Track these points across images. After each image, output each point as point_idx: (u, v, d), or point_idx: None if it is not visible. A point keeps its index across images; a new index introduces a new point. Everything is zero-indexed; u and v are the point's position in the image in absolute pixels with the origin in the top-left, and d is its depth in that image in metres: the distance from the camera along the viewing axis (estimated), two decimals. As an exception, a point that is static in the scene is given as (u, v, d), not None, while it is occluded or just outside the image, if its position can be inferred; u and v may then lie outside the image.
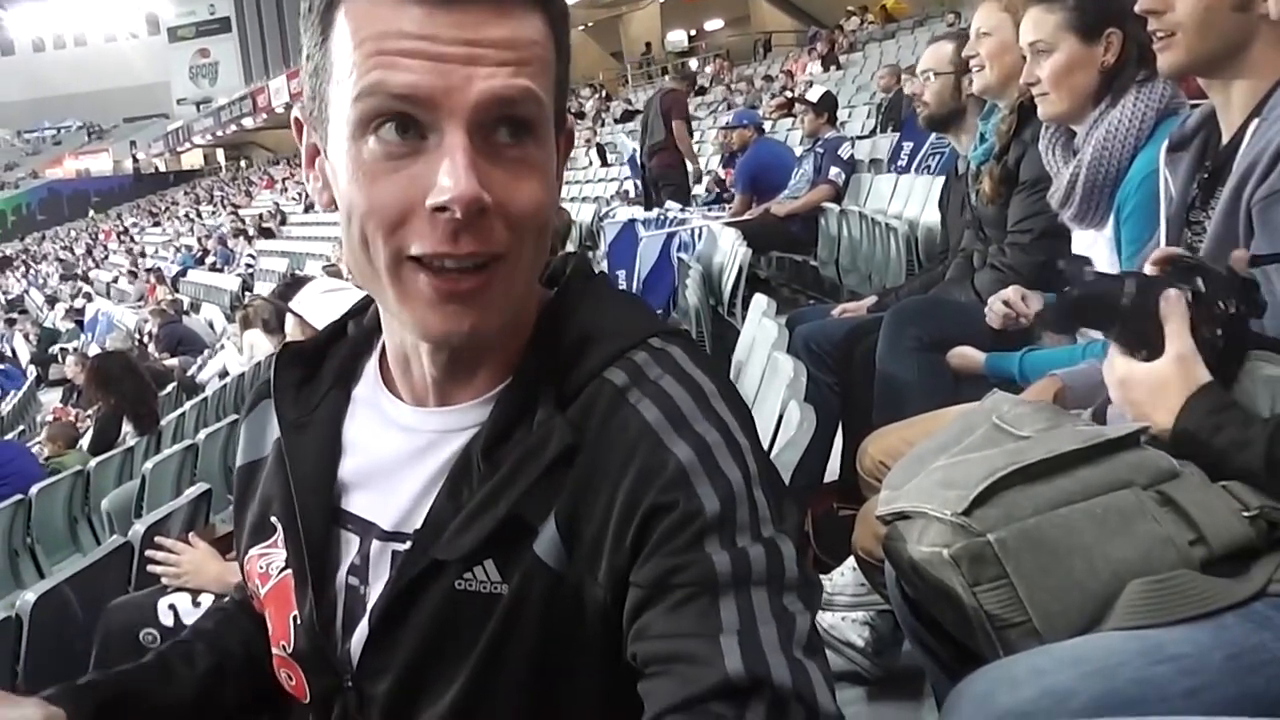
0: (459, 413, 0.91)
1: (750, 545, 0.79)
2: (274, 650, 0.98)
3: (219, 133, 50.94)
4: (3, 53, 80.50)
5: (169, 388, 8.84)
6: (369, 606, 0.92)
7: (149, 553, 2.76)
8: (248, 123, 46.56)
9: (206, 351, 11.29)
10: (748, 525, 0.80)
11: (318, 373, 1.00)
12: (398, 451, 0.93)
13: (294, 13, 0.94)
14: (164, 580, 2.71)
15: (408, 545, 0.90)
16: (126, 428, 6.52)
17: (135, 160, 61.55)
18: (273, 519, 0.98)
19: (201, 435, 5.66)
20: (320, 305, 2.65)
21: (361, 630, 0.91)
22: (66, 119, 71.75)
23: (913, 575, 1.37)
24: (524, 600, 0.84)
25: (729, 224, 6.57)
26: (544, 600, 0.84)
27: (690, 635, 0.76)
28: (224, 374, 9.14)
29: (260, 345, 9.18)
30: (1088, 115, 2.21)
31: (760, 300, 3.27)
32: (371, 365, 0.98)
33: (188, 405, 7.70)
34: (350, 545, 0.94)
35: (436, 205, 0.77)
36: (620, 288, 1.01)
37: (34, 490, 5.45)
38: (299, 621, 0.94)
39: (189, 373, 9.94)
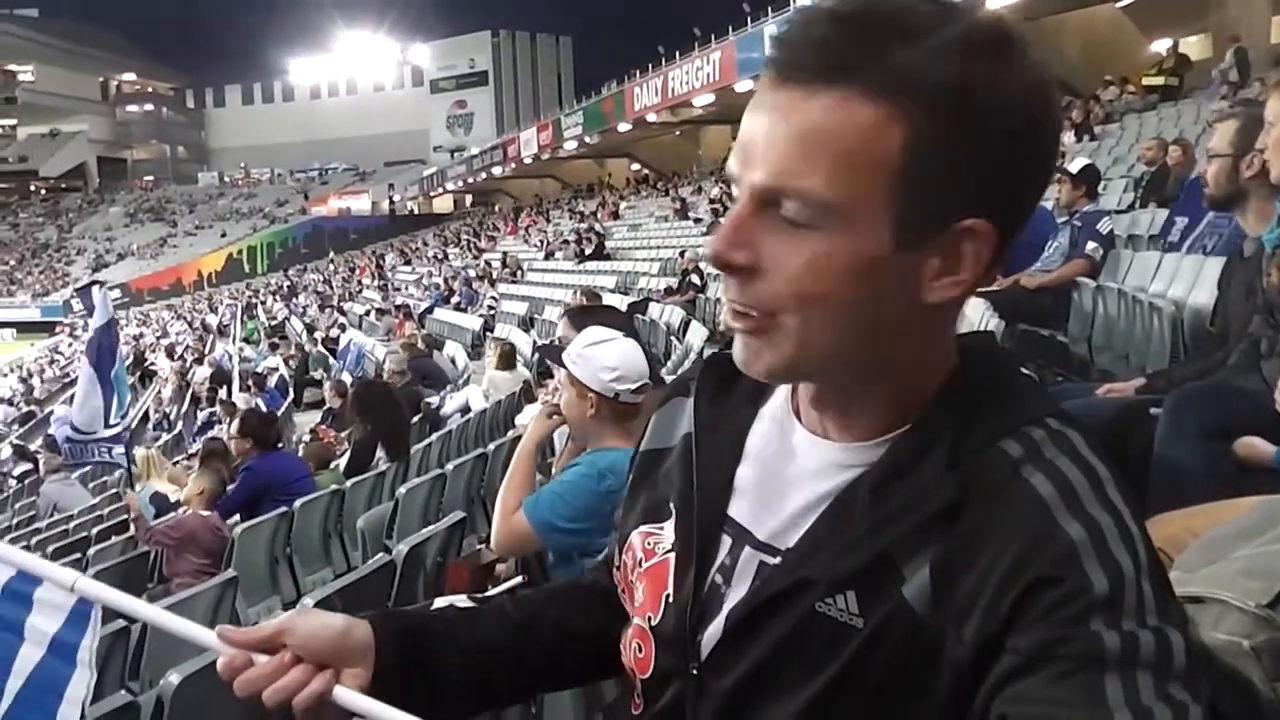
0: (853, 450, 0.94)
1: (1139, 629, 0.79)
2: (637, 620, 1.06)
3: (470, 179, 53.52)
4: (285, 99, 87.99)
5: (415, 418, 9.32)
6: (725, 606, 0.97)
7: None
8: (497, 171, 48.74)
9: (449, 386, 11.84)
10: (1134, 611, 0.80)
11: (735, 384, 1.05)
12: (789, 472, 0.98)
13: (548, 69, 1.04)
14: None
15: (777, 560, 0.95)
16: (379, 453, 6.94)
17: (391, 202, 65.61)
18: (671, 505, 1.05)
19: (450, 466, 5.98)
20: (587, 357, 2.75)
21: (715, 626, 0.97)
22: (334, 161, 77.50)
23: (1201, 660, 1.32)
24: (880, 639, 0.87)
25: (978, 294, 6.43)
26: (901, 644, 0.86)
27: (1074, 706, 0.77)
28: (466, 409, 9.59)
29: (501, 384, 9.62)
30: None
31: (1023, 376, 3.19)
32: (784, 388, 1.03)
33: (434, 437, 8.12)
34: (724, 546, 1.00)
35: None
36: (1022, 370, 1.03)
37: (297, 504, 5.87)
38: (670, 600, 1.02)
39: (434, 406, 10.47)
